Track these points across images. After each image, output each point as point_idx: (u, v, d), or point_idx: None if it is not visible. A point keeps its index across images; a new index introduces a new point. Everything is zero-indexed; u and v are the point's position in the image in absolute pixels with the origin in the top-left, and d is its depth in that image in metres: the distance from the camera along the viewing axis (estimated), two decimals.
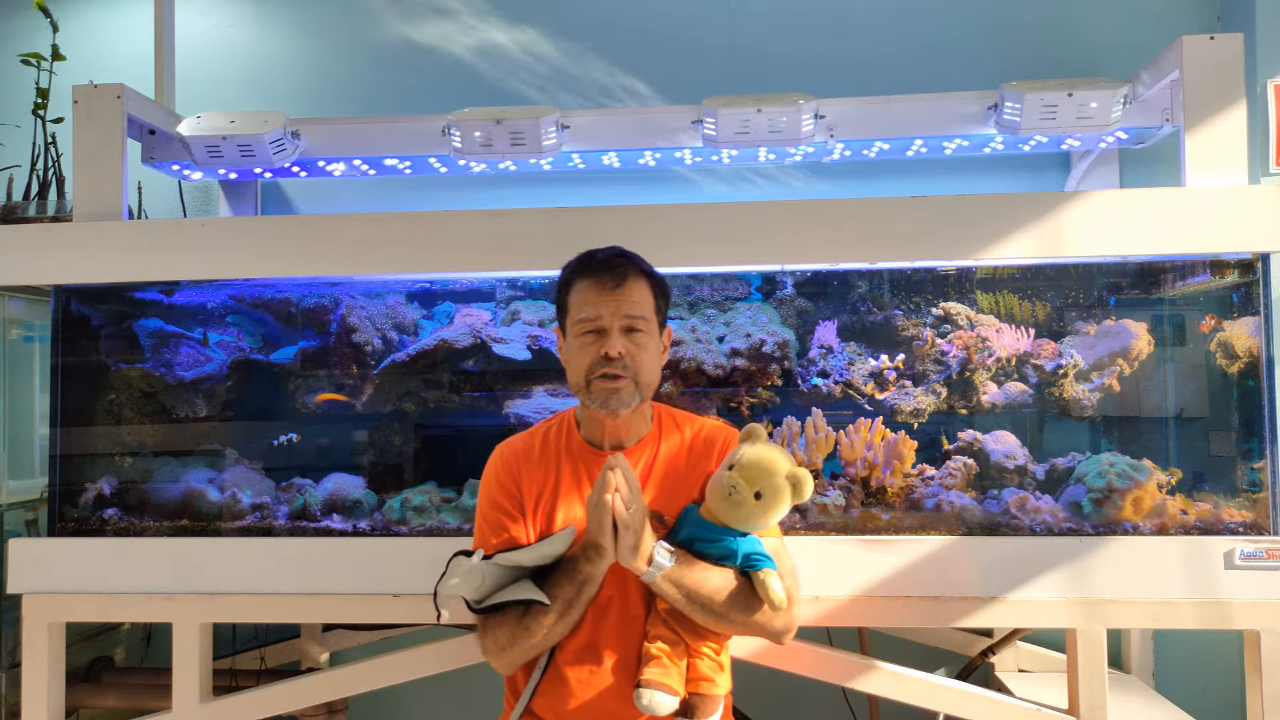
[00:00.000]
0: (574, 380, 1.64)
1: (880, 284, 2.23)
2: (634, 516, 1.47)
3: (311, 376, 2.29)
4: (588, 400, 1.62)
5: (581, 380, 1.61)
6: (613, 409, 1.59)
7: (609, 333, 1.59)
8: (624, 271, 1.61)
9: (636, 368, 1.59)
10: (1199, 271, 2.06)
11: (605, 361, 1.57)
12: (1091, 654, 1.89)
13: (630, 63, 2.81)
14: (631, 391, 1.59)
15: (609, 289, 1.60)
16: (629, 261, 1.64)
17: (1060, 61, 2.66)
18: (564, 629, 1.54)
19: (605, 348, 1.58)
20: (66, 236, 2.10)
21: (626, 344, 1.59)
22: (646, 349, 1.62)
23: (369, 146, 2.45)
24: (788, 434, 2.08)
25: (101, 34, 2.93)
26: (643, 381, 1.61)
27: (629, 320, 1.60)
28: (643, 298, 1.62)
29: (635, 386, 1.59)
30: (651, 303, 1.64)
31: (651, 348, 1.63)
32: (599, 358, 1.58)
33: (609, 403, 1.59)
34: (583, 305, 1.61)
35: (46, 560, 2.07)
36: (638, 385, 1.60)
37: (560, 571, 1.55)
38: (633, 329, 1.60)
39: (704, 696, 1.54)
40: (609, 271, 1.61)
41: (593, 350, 1.59)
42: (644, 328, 1.61)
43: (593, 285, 1.61)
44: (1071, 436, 2.20)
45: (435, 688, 2.46)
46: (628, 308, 1.60)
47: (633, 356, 1.59)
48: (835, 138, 2.32)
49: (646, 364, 1.61)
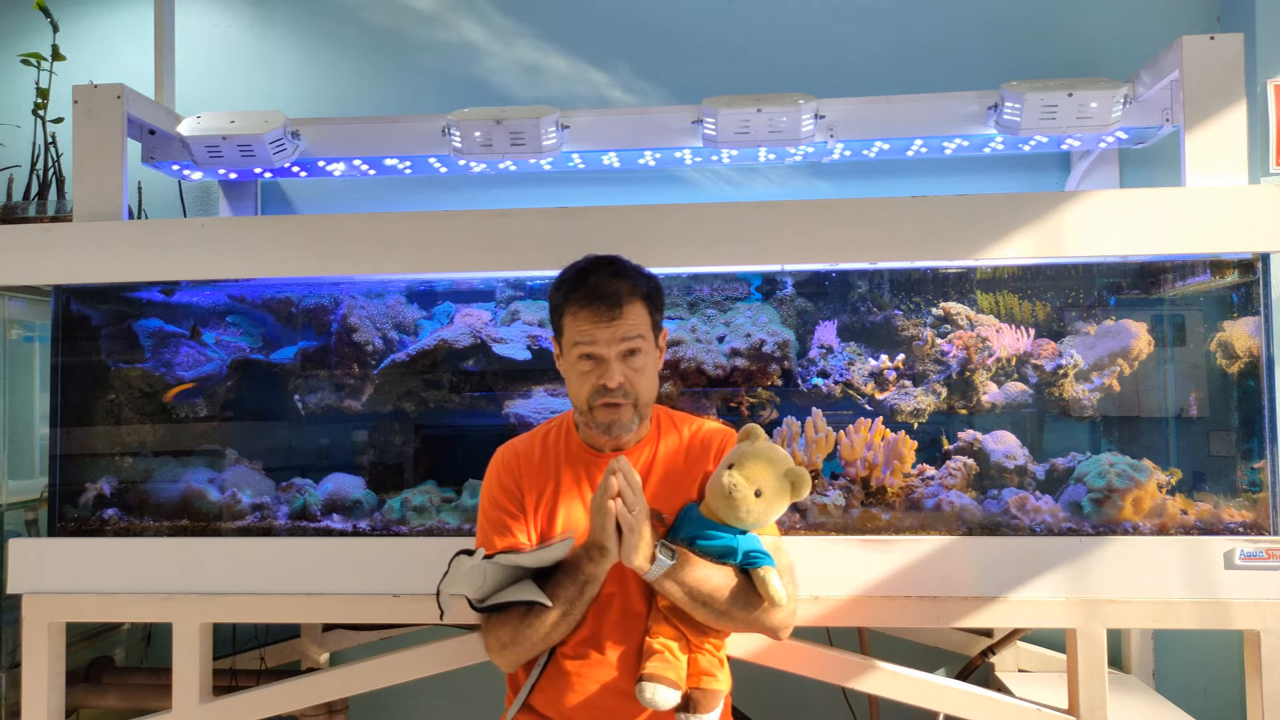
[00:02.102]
0: (575, 403, 1.66)
1: (880, 284, 2.23)
2: (637, 518, 1.47)
3: (312, 376, 2.29)
4: (590, 424, 1.64)
5: (584, 405, 1.63)
6: (615, 435, 1.63)
7: (607, 362, 1.58)
8: (619, 297, 1.58)
9: (636, 393, 1.61)
10: (1199, 271, 2.06)
11: (605, 391, 1.58)
12: (1091, 654, 1.89)
13: (630, 63, 2.81)
14: (632, 416, 1.62)
15: (605, 319, 1.58)
16: (624, 281, 1.61)
17: (1060, 61, 2.66)
18: (566, 628, 1.55)
19: (604, 378, 1.58)
20: (66, 236, 2.10)
21: (625, 370, 1.59)
22: (644, 370, 1.62)
23: (369, 146, 2.45)
24: (788, 434, 2.08)
25: (101, 34, 2.93)
26: (643, 402, 1.63)
27: (626, 345, 1.59)
28: (639, 319, 1.61)
29: (635, 410, 1.61)
30: (648, 320, 1.64)
31: (650, 365, 1.63)
32: (598, 387, 1.59)
33: (611, 430, 1.62)
34: (577, 332, 1.60)
35: (46, 560, 2.07)
36: (637, 408, 1.62)
37: (562, 572, 1.55)
38: (630, 353, 1.60)
39: (705, 691, 1.55)
40: (603, 300, 1.58)
41: (591, 379, 1.60)
42: (642, 346, 1.61)
43: (589, 314, 1.59)
44: (1071, 436, 2.20)
45: (435, 688, 2.46)
46: (624, 333, 1.59)
47: (632, 383, 1.60)
48: (835, 138, 2.32)
49: (645, 385, 1.63)
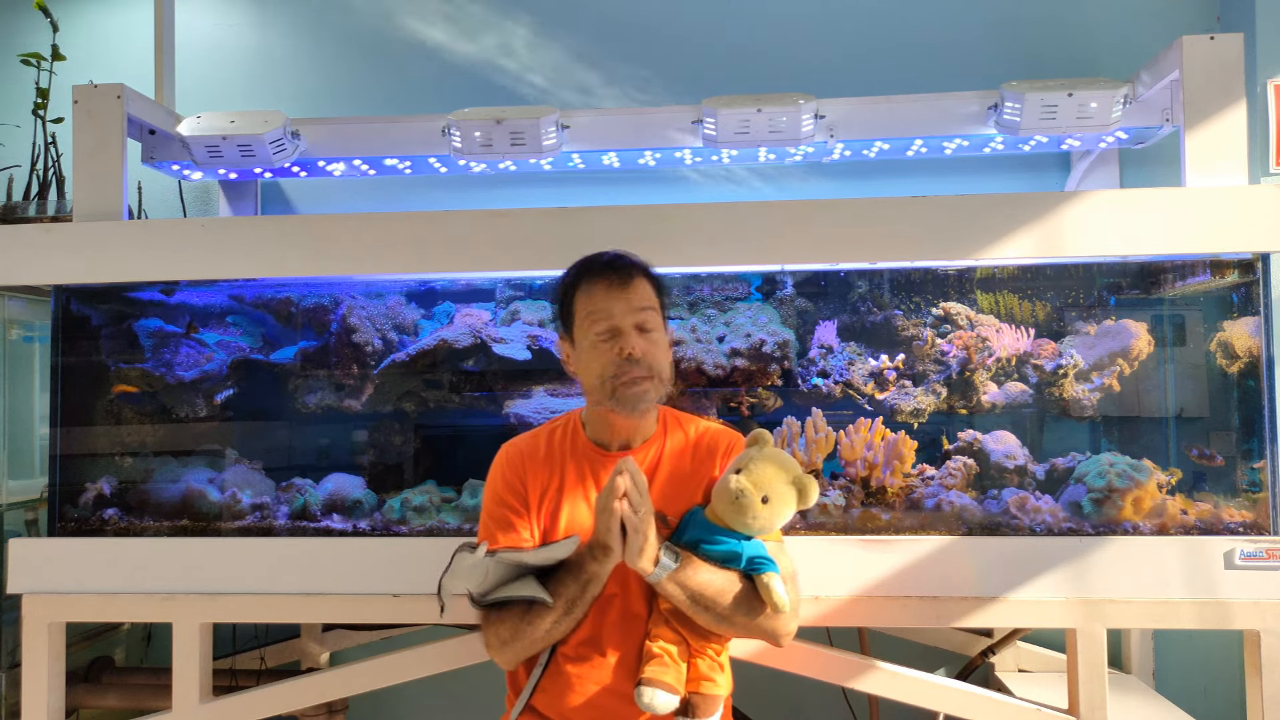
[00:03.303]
0: (593, 384, 1.61)
1: (880, 284, 2.23)
2: (642, 519, 1.46)
3: (311, 376, 2.29)
4: (611, 405, 1.59)
5: (604, 382, 1.59)
6: (641, 410, 1.60)
7: (624, 332, 1.58)
8: (629, 271, 1.62)
9: (655, 365, 1.60)
10: (1199, 271, 2.06)
11: (627, 363, 1.56)
12: (1091, 654, 1.89)
13: (630, 63, 2.81)
14: (656, 387, 1.60)
15: (617, 287, 1.60)
16: (630, 261, 1.65)
17: (1060, 61, 2.66)
18: (567, 626, 1.55)
19: (624, 346, 1.57)
20: (66, 236, 2.10)
21: (642, 342, 1.59)
22: (659, 345, 1.63)
23: (369, 146, 2.45)
24: (788, 434, 2.08)
25: (101, 34, 2.93)
26: (663, 378, 1.62)
27: (640, 316, 1.60)
28: (649, 295, 1.64)
29: (656, 384, 1.60)
30: (656, 299, 1.65)
31: (662, 343, 1.64)
32: (617, 358, 1.57)
33: (638, 405, 1.58)
34: (592, 306, 1.61)
35: (46, 560, 2.07)
36: (658, 383, 1.60)
37: (565, 570, 1.54)
38: (644, 326, 1.60)
39: (704, 696, 1.54)
40: (614, 271, 1.61)
41: (609, 352, 1.58)
42: (654, 323, 1.62)
43: (601, 286, 1.61)
44: (1071, 436, 2.20)
45: (435, 688, 2.46)
46: (638, 302, 1.60)
47: (649, 355, 1.59)
48: (835, 138, 2.32)
49: (662, 359, 1.63)
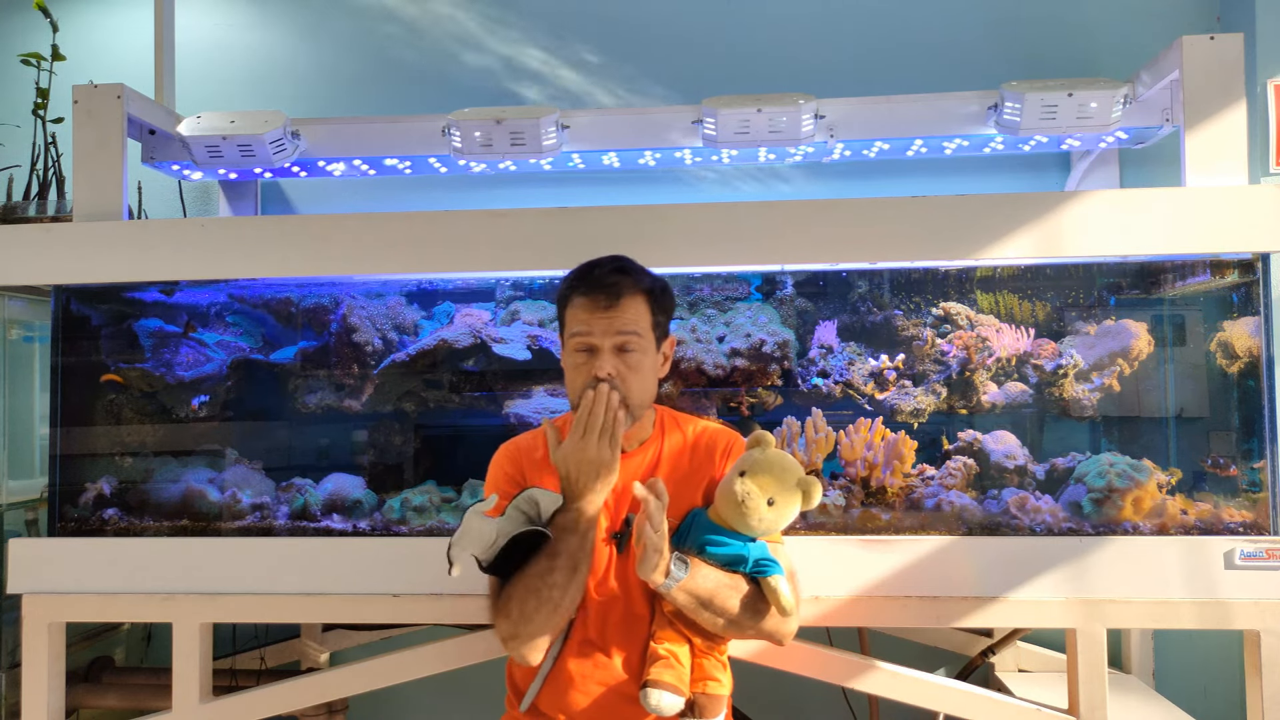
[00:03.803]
0: (571, 399, 1.64)
1: (880, 284, 2.23)
2: (661, 538, 1.45)
3: (311, 376, 2.29)
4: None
5: (576, 399, 1.60)
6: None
7: (600, 352, 1.58)
8: (619, 290, 1.59)
9: (627, 390, 1.57)
10: (1199, 271, 2.06)
11: (595, 384, 1.56)
12: (1091, 654, 1.89)
13: (630, 63, 2.81)
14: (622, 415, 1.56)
15: (602, 308, 1.59)
16: (626, 276, 1.62)
17: (1060, 61, 2.66)
18: (577, 589, 1.50)
19: (597, 368, 1.57)
20: (66, 236, 2.10)
21: (618, 364, 1.58)
22: (638, 368, 1.60)
23: (369, 146, 2.45)
24: (788, 434, 2.08)
25: (101, 34, 2.93)
26: (634, 403, 1.60)
27: (621, 339, 1.59)
28: (638, 315, 1.61)
29: (625, 409, 1.57)
30: (648, 318, 1.63)
31: (645, 365, 1.62)
32: (590, 379, 1.57)
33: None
34: (576, 322, 1.61)
35: (46, 560, 2.07)
36: (628, 408, 1.58)
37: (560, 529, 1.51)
38: (625, 348, 1.59)
39: (710, 696, 1.55)
40: (603, 290, 1.59)
41: (585, 370, 1.59)
42: (637, 345, 1.60)
43: (587, 303, 1.60)
44: (1071, 436, 2.20)
45: (435, 688, 2.46)
46: (620, 325, 1.58)
47: (623, 378, 1.58)
48: (835, 138, 2.32)
49: (637, 384, 1.60)
